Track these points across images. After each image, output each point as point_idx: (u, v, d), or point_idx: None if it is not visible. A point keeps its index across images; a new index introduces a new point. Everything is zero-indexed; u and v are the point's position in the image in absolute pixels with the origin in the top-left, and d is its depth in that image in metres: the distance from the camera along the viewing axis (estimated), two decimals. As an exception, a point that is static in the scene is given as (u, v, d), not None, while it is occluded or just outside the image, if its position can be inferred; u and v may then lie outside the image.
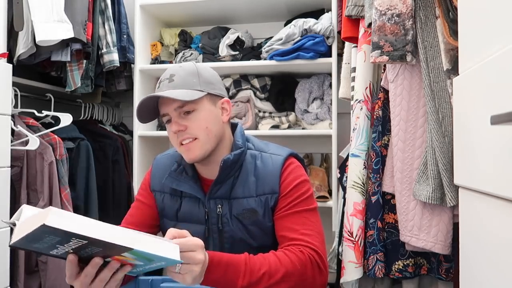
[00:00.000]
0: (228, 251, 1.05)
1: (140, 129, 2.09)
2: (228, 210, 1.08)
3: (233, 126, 1.16)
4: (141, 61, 2.11)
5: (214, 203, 1.09)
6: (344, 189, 1.49)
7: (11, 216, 1.39)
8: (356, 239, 1.33)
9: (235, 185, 1.09)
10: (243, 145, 1.11)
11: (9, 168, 1.38)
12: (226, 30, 2.15)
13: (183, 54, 2.12)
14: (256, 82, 2.06)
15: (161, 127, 2.24)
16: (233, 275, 0.90)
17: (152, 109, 1.08)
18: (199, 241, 0.85)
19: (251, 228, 1.08)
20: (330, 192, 1.97)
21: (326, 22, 1.88)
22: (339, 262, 1.45)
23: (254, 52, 2.05)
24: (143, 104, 1.04)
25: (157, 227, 1.19)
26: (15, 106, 1.55)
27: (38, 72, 1.83)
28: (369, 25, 1.31)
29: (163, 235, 1.16)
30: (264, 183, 1.07)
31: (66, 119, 1.67)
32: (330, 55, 1.88)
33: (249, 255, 0.95)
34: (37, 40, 1.49)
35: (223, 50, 2.04)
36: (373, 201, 1.34)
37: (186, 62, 1.12)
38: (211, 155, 1.07)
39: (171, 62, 2.17)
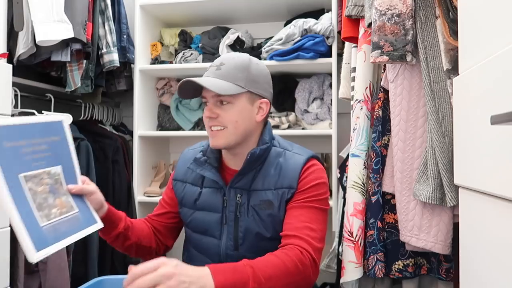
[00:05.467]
0: (241, 240, 1.12)
1: (140, 129, 2.09)
2: (246, 200, 1.13)
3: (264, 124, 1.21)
4: (141, 61, 2.11)
5: (234, 193, 1.14)
6: (344, 189, 1.49)
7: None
8: (356, 239, 1.33)
9: (256, 177, 1.14)
10: (269, 141, 1.16)
11: (9, 168, 1.38)
12: (226, 30, 2.15)
13: (183, 54, 2.12)
14: (256, 82, 2.07)
15: (161, 127, 2.24)
16: (242, 277, 0.88)
17: (198, 88, 1.11)
18: (157, 260, 0.81)
19: (266, 219, 1.11)
20: (330, 192, 1.97)
21: (326, 22, 1.88)
22: (339, 262, 1.45)
23: (254, 52, 2.06)
24: (183, 84, 1.09)
25: (178, 218, 1.25)
26: (15, 106, 1.55)
27: (38, 72, 1.83)
28: (369, 25, 1.31)
29: (183, 224, 1.24)
30: (284, 178, 1.12)
31: (66, 119, 1.66)
32: (330, 55, 1.88)
33: (248, 260, 0.93)
34: (37, 40, 1.49)
35: (223, 50, 2.04)
36: (373, 201, 1.34)
37: (242, 54, 1.16)
38: (238, 147, 1.13)
39: (171, 62, 2.17)
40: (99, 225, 1.00)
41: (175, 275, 0.79)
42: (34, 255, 0.82)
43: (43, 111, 1.68)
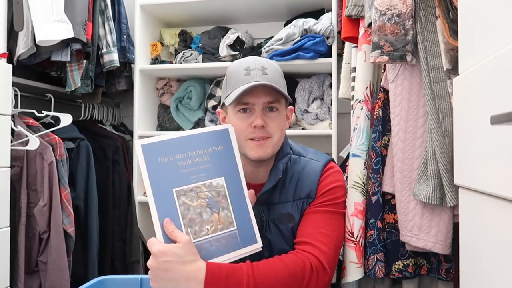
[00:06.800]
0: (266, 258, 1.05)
1: (140, 129, 2.09)
2: (267, 216, 1.08)
3: None
4: (141, 61, 2.11)
5: (257, 209, 1.06)
6: (344, 189, 1.49)
7: (11, 216, 1.39)
8: (357, 240, 1.33)
9: (274, 190, 1.08)
10: (289, 152, 1.11)
11: (9, 168, 1.38)
12: (226, 30, 2.15)
13: (183, 54, 2.12)
14: (256, 82, 2.07)
15: (161, 127, 2.24)
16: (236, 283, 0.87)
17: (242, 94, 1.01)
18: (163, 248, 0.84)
19: (287, 234, 1.07)
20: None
21: (326, 22, 1.88)
22: (339, 263, 1.45)
23: (254, 52, 2.05)
24: (247, 88, 0.98)
25: None
26: (15, 106, 1.55)
27: (38, 72, 1.83)
28: (369, 25, 1.30)
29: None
30: (302, 188, 1.07)
31: (66, 119, 1.66)
32: (330, 55, 1.88)
33: (251, 264, 0.92)
34: (37, 40, 1.49)
35: (223, 50, 2.04)
36: (373, 201, 1.34)
37: (268, 59, 1.09)
38: (270, 159, 1.07)
39: (171, 62, 2.17)
40: (258, 245, 0.93)
41: (161, 271, 0.83)
42: None
43: (43, 111, 1.68)
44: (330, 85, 1.97)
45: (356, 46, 1.47)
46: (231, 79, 1.05)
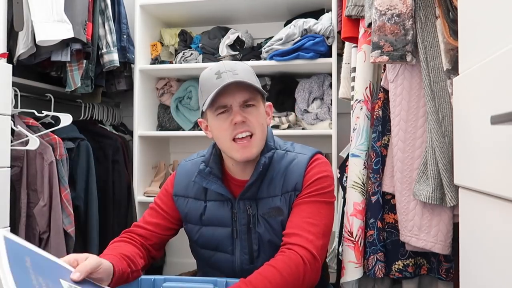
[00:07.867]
0: (256, 253, 1.08)
1: (140, 129, 2.09)
2: (255, 210, 1.09)
3: None
4: (141, 61, 2.11)
5: (243, 204, 1.09)
6: (344, 189, 1.49)
7: (11, 216, 1.39)
8: (356, 239, 1.33)
9: (261, 185, 1.09)
10: (274, 147, 1.12)
11: (9, 168, 1.38)
12: (226, 30, 2.15)
13: (183, 54, 2.12)
14: (256, 82, 2.07)
15: (161, 127, 2.24)
16: None
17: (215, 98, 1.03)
18: None
19: (277, 228, 1.08)
20: (330, 192, 1.97)
21: (326, 22, 1.88)
22: (339, 262, 1.45)
23: (254, 52, 2.06)
24: (219, 90, 1.00)
25: (173, 230, 1.19)
26: (15, 106, 1.55)
27: (38, 72, 1.83)
28: (369, 25, 1.31)
29: (190, 239, 1.18)
30: (289, 182, 1.08)
31: (66, 119, 1.66)
32: (330, 55, 1.88)
33: (245, 281, 0.93)
34: (37, 40, 1.49)
35: (223, 50, 2.04)
36: (373, 201, 1.34)
37: (238, 62, 1.13)
38: None
39: (171, 62, 2.17)
40: None
41: None
42: None
43: (43, 111, 1.68)
44: (330, 85, 1.97)
45: (356, 46, 1.47)
46: (204, 86, 1.07)
